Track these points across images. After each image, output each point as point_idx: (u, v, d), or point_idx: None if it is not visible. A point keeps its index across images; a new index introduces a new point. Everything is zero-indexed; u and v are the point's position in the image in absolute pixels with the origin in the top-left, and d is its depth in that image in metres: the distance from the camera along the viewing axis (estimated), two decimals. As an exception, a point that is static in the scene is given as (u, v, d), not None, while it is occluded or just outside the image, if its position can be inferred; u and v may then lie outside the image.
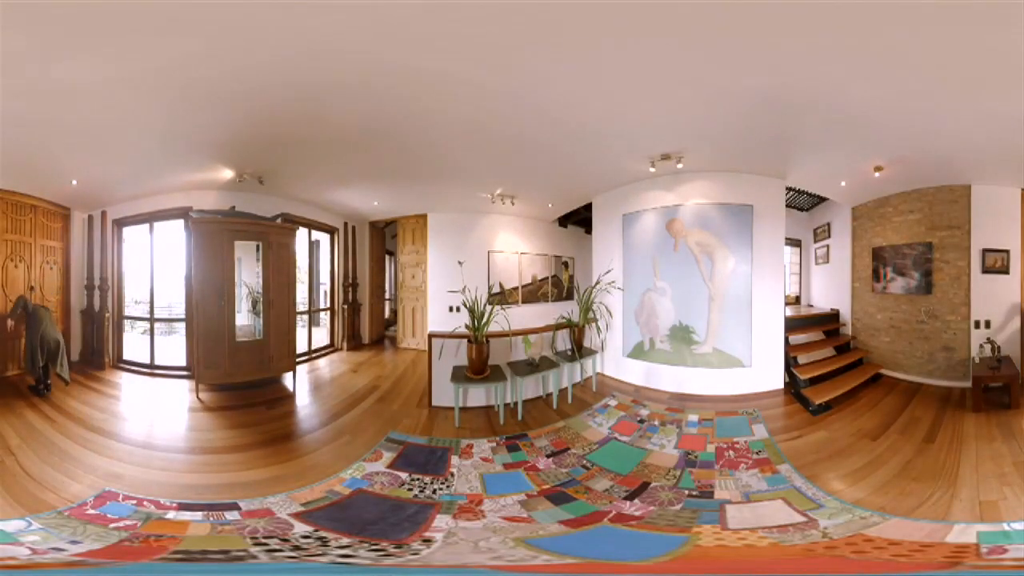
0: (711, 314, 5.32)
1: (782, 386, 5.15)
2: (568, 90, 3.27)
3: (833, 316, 6.90)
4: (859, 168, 4.95)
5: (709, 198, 5.36)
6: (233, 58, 2.74)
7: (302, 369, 6.18)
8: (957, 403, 4.67)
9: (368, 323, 8.43)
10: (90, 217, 6.19)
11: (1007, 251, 5.17)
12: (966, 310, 5.26)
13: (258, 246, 5.36)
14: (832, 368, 5.41)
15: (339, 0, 2.25)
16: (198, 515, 2.58)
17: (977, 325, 5.20)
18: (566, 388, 5.13)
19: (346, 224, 8.00)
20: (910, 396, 4.94)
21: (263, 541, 2.17)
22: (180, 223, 5.85)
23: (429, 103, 3.46)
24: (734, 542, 2.23)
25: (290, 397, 5.09)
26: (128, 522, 2.42)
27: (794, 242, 8.27)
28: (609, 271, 5.92)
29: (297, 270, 6.24)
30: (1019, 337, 5.07)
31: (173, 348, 6.47)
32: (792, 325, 5.72)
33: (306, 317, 7.49)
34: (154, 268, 6.23)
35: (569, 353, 5.37)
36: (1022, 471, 3.05)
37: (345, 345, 7.79)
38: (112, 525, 2.36)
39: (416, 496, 2.96)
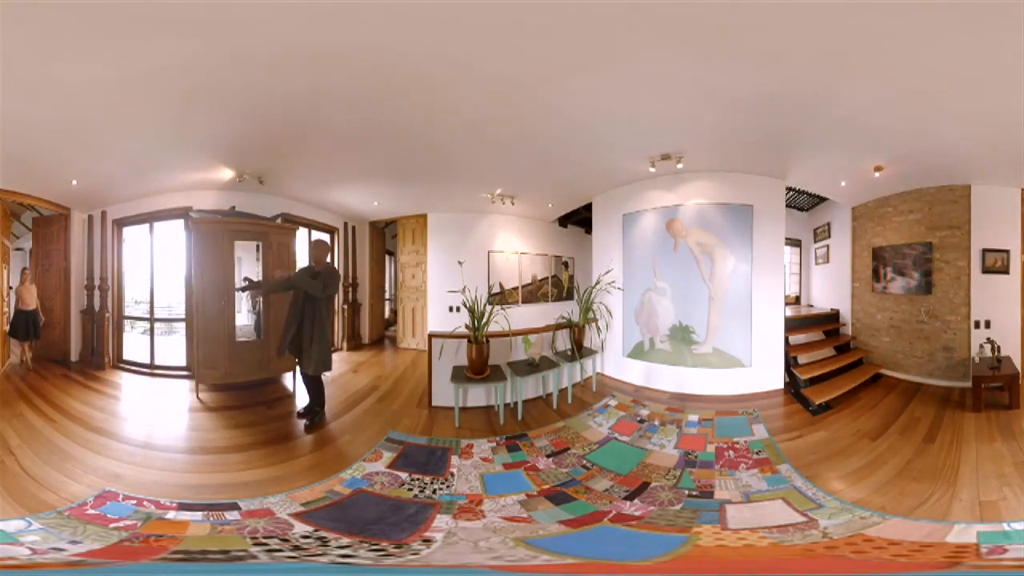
0: (711, 314, 5.32)
1: (782, 386, 5.15)
2: (568, 91, 3.28)
3: (833, 316, 6.90)
4: (859, 168, 4.94)
5: (709, 198, 5.36)
6: (233, 58, 2.74)
7: (302, 369, 6.17)
8: (957, 403, 4.66)
9: (368, 323, 8.42)
10: (90, 217, 6.18)
11: (1007, 251, 5.16)
12: (966, 310, 5.26)
13: (258, 246, 5.36)
14: (832, 368, 5.41)
15: (339, 1, 2.26)
16: (198, 515, 2.57)
17: (977, 325, 5.20)
18: (566, 388, 5.13)
19: (346, 224, 8.00)
20: (910, 396, 4.93)
21: (263, 541, 2.16)
22: (180, 223, 5.84)
23: (429, 103, 3.46)
24: (734, 542, 2.23)
25: (290, 397, 5.08)
26: (128, 522, 2.42)
27: (794, 242, 8.26)
28: (609, 271, 5.92)
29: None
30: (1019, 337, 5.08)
31: (173, 348, 6.46)
32: (792, 325, 5.72)
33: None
34: (154, 268, 6.22)
35: (569, 353, 5.37)
36: (1022, 471, 3.05)
37: (345, 345, 7.78)
38: (112, 525, 2.36)
39: (416, 496, 2.96)
